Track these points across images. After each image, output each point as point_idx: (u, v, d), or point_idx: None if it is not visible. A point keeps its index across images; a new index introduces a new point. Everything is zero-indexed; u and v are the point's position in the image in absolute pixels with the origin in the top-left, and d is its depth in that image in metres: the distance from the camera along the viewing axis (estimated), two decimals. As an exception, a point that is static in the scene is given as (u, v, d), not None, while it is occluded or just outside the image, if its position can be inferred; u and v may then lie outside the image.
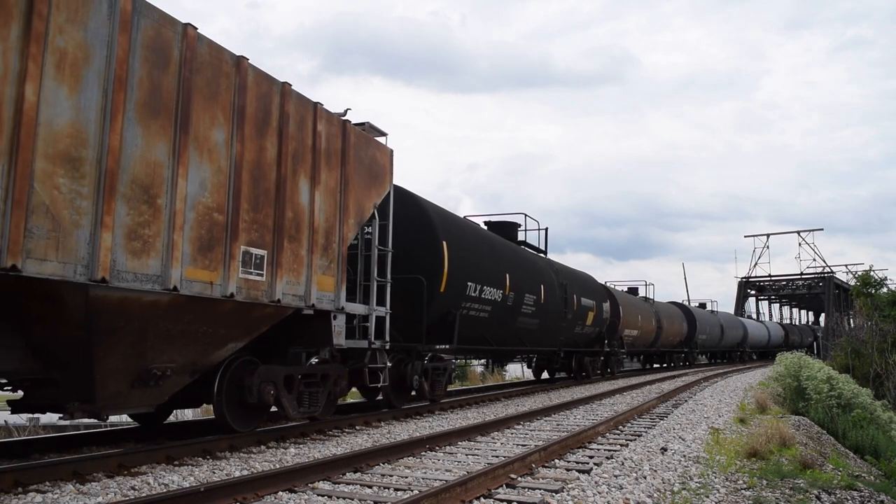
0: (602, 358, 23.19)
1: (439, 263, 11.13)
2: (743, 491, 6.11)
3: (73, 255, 5.23)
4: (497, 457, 7.24)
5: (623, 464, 6.89)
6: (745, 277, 68.33)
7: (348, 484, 5.92)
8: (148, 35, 5.96)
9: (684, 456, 7.53)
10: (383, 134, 9.89)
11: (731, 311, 59.60)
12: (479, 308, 12.77)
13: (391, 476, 6.26)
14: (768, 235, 70.98)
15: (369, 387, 10.02)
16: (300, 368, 8.59)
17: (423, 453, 7.46)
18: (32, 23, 4.95)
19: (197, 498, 4.85)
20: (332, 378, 9.06)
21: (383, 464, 6.77)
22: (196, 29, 6.46)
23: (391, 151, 9.86)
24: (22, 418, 18.21)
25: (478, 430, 9.03)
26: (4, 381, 6.12)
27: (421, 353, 11.22)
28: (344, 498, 5.38)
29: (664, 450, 7.84)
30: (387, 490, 5.71)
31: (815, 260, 69.66)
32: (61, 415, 5.98)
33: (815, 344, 55.48)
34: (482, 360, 20.39)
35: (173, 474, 6.06)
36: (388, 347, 9.89)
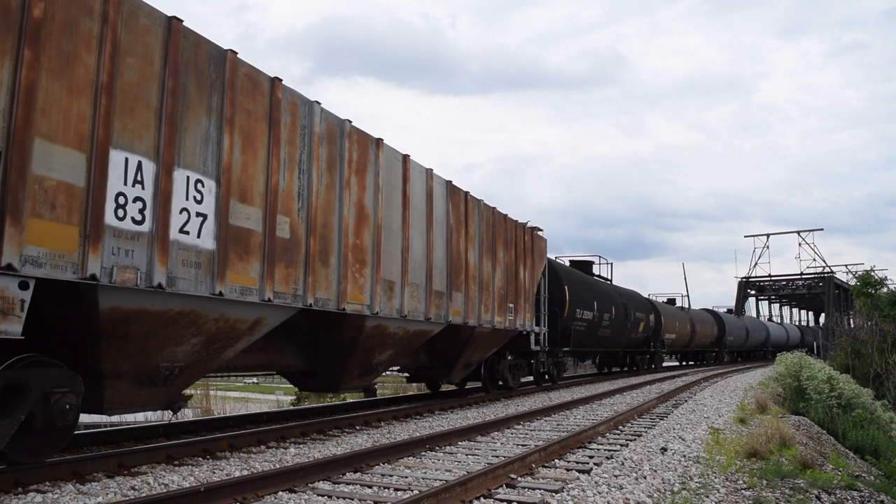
0: (648, 356, 30.56)
1: (564, 299, 18.24)
2: (743, 491, 6.10)
3: (474, 314, 12.10)
4: (497, 457, 7.24)
5: (623, 464, 6.89)
6: (745, 277, 68.10)
7: (348, 484, 5.91)
8: (483, 216, 12.80)
9: (684, 456, 7.52)
10: (541, 230, 16.33)
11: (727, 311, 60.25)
12: (580, 325, 19.77)
13: (391, 476, 6.25)
14: (768, 235, 70.51)
15: (540, 373, 17.51)
16: (512, 361, 15.59)
17: (423, 453, 7.46)
18: (470, 230, 12.31)
19: (197, 498, 4.85)
20: (522, 367, 16.21)
21: (383, 464, 6.77)
22: (496, 207, 13.40)
23: (546, 240, 16.70)
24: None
25: (478, 430, 9.05)
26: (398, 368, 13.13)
27: (556, 353, 18.23)
28: (344, 498, 5.37)
29: (664, 450, 7.83)
30: (387, 490, 5.70)
31: (815, 260, 69.58)
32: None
33: (815, 344, 55.75)
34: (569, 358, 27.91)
35: (173, 474, 6.05)
36: (546, 350, 16.83)
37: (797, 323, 77.42)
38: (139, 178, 5.71)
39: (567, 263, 23.26)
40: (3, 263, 4.66)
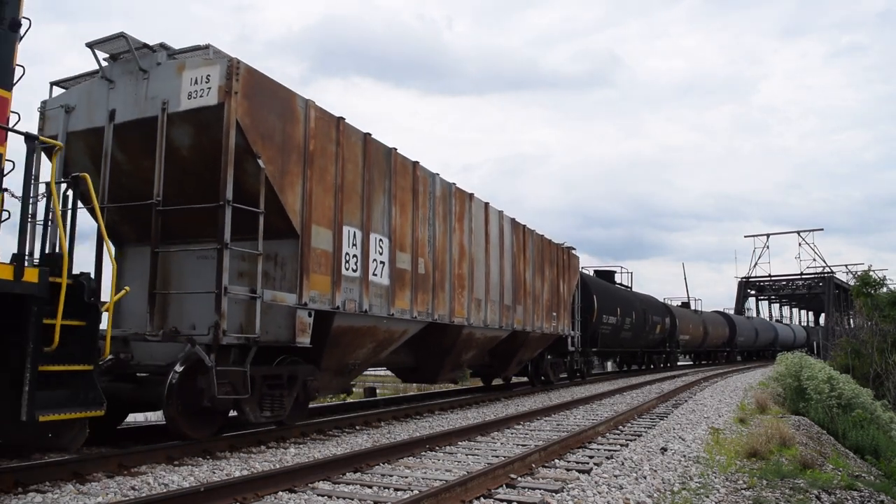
0: (664, 356, 33.51)
1: (592, 307, 21.36)
2: (743, 491, 6.10)
3: (530, 322, 15.14)
4: (497, 457, 7.25)
5: (623, 464, 6.89)
6: (745, 277, 68.19)
7: (348, 484, 5.91)
8: (535, 242, 15.85)
9: (684, 456, 7.52)
10: (574, 248, 19.39)
11: (731, 312, 60.33)
12: (605, 328, 22.77)
13: (391, 476, 6.26)
14: (768, 235, 70.67)
15: (573, 370, 20.29)
16: (552, 360, 18.48)
17: (423, 453, 7.46)
18: (527, 255, 16.07)
19: (197, 498, 4.86)
20: (559, 365, 19.26)
21: (383, 464, 6.77)
22: (543, 235, 16.43)
23: (578, 258, 19.65)
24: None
25: (478, 430, 9.06)
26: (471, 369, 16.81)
27: (587, 353, 21.45)
28: (344, 498, 5.38)
29: (664, 450, 7.84)
30: (387, 490, 5.70)
31: (815, 260, 69.37)
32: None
33: (815, 344, 55.84)
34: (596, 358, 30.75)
35: (173, 474, 6.05)
36: (580, 350, 20.05)
37: (799, 323, 78.06)
38: (354, 242, 8.82)
39: (592, 273, 26.13)
40: (302, 302, 7.77)
